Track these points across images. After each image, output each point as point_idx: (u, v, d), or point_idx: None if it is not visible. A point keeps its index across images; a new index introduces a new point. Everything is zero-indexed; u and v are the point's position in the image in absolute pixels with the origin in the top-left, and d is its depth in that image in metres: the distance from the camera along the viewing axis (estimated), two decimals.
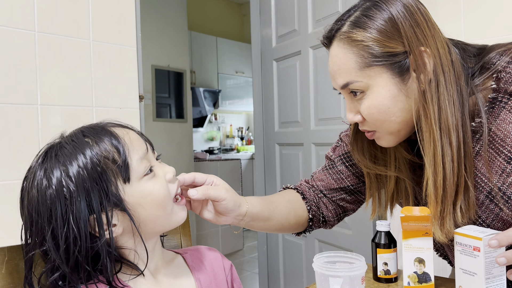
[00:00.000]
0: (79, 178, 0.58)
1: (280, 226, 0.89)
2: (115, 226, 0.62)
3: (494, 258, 0.68)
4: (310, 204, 0.95)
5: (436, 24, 0.74)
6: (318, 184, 0.97)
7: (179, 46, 3.86)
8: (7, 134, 1.32)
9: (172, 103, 3.87)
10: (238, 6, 5.35)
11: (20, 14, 1.36)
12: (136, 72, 1.68)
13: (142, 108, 1.71)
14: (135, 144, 0.64)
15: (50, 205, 0.58)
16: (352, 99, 0.77)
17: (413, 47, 0.70)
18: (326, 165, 0.99)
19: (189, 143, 3.92)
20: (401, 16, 0.71)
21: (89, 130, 0.63)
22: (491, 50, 0.77)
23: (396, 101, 0.73)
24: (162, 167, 0.67)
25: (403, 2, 0.72)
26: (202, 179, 0.74)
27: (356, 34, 0.72)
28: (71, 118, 1.48)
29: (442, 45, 0.73)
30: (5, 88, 1.32)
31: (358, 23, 0.72)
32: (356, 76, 0.73)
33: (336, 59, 0.75)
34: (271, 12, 2.29)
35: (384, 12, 0.72)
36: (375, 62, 0.71)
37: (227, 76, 4.97)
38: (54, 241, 0.58)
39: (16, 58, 1.35)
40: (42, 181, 0.59)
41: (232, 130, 5.32)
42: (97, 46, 1.56)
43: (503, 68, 0.73)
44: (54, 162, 0.60)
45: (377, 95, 0.73)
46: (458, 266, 0.71)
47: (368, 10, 0.73)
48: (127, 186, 0.61)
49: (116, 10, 1.61)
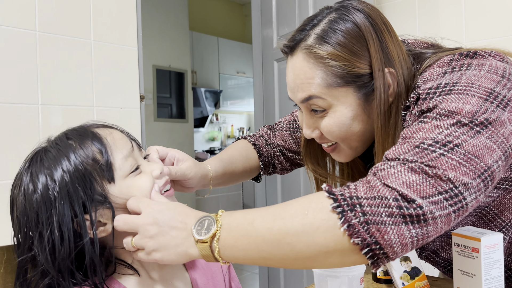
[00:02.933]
0: (62, 181, 0.59)
1: (236, 181, 0.94)
2: (105, 225, 0.62)
3: (493, 259, 0.68)
4: (264, 161, 0.98)
5: (397, 36, 0.72)
6: (279, 143, 0.99)
7: (180, 47, 3.86)
8: (7, 133, 1.32)
9: (173, 103, 3.88)
10: (240, 7, 5.35)
11: (21, 14, 1.36)
12: (137, 72, 1.68)
13: (143, 108, 1.72)
14: (119, 143, 0.65)
15: (36, 209, 0.59)
16: (311, 114, 0.74)
17: (380, 68, 0.68)
18: (290, 126, 0.99)
19: (190, 143, 3.93)
20: (369, 32, 0.68)
21: (72, 133, 0.64)
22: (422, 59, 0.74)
23: (358, 121, 0.71)
24: (149, 165, 0.68)
25: (373, 19, 0.69)
26: (163, 152, 0.77)
27: (324, 50, 0.68)
28: (72, 118, 1.49)
29: (405, 63, 0.71)
30: (6, 88, 1.32)
31: (325, 38, 0.68)
32: (320, 93, 0.69)
33: (300, 72, 0.71)
34: (272, 12, 2.29)
35: (352, 26, 0.68)
36: (343, 82, 0.69)
37: (228, 76, 4.97)
38: (41, 245, 0.59)
39: (17, 57, 1.35)
40: (28, 186, 0.60)
41: (233, 131, 5.32)
42: (98, 46, 1.56)
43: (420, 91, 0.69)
44: (39, 166, 0.61)
45: (340, 114, 0.71)
46: (456, 268, 0.71)
47: (335, 24, 0.69)
48: (112, 185, 0.62)
49: (117, 10, 1.61)
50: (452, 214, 0.53)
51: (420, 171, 0.53)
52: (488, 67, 0.64)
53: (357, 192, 0.52)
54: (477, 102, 0.59)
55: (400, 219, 0.50)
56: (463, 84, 0.61)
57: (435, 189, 0.52)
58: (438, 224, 0.52)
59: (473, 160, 0.54)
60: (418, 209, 0.50)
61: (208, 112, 4.69)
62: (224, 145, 5.18)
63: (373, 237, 0.50)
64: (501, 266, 0.69)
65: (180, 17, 3.83)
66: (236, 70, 5.02)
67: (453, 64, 0.67)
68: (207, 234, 0.55)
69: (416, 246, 0.52)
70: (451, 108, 0.58)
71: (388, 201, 0.50)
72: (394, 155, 0.56)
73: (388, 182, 0.52)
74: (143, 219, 0.58)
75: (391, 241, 0.50)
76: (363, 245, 0.50)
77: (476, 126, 0.57)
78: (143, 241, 0.58)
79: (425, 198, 0.51)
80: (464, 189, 0.53)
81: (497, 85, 0.61)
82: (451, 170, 0.53)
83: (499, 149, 0.57)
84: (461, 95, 0.60)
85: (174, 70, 3.83)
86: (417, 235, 0.51)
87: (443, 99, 0.60)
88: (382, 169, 0.54)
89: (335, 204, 0.52)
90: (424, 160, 0.54)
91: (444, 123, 0.57)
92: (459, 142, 0.55)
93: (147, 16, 3.42)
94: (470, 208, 0.55)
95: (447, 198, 0.52)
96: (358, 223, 0.50)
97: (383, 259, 0.51)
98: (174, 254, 0.57)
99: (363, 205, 0.51)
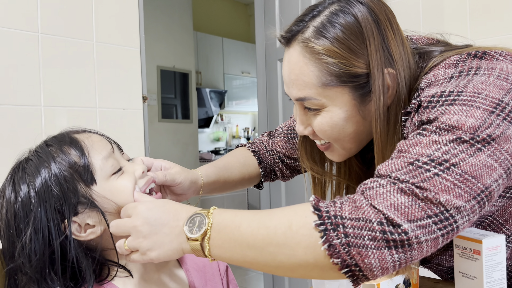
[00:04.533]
0: (42, 187, 0.60)
1: (233, 189, 0.93)
2: (93, 227, 0.63)
3: (495, 261, 0.67)
4: (265, 168, 0.96)
5: (402, 33, 0.68)
6: (278, 149, 0.97)
7: (185, 47, 3.86)
8: (11, 135, 1.32)
9: (178, 103, 3.88)
10: (244, 7, 5.34)
11: (24, 15, 1.36)
12: (139, 73, 1.68)
13: (145, 109, 1.72)
14: (98, 145, 0.65)
15: (18, 219, 0.60)
16: (305, 111, 0.72)
17: (379, 69, 0.64)
18: (289, 132, 0.97)
19: (194, 144, 3.93)
20: (370, 28, 0.64)
21: (52, 140, 0.66)
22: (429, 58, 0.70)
23: (352, 122, 0.68)
24: (132, 165, 0.69)
25: (376, 14, 0.66)
26: (148, 162, 0.76)
27: (320, 45, 0.64)
28: (75, 119, 1.49)
29: (408, 64, 0.67)
30: (9, 90, 1.33)
31: (323, 32, 0.64)
32: (315, 93, 0.66)
33: (295, 67, 0.67)
34: (275, 12, 2.28)
35: (352, 22, 0.64)
36: (339, 82, 0.65)
37: (233, 76, 4.97)
38: (23, 252, 0.59)
39: (20, 59, 1.35)
40: (10, 196, 0.62)
41: (238, 131, 5.32)
42: (100, 47, 1.57)
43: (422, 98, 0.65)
44: (21, 175, 0.62)
45: (333, 114, 0.67)
46: (458, 270, 0.70)
47: (335, 17, 0.65)
48: (94, 187, 0.63)
49: (120, 11, 1.61)
50: (440, 238, 0.51)
51: (410, 193, 0.51)
52: (498, 71, 0.60)
53: (342, 212, 0.51)
54: (482, 115, 0.55)
55: (383, 244, 0.49)
56: (469, 94, 0.57)
57: (424, 212, 0.50)
58: (423, 248, 0.50)
59: (469, 181, 0.52)
60: (402, 235, 0.49)
61: (213, 112, 4.69)
62: (229, 145, 5.19)
63: (353, 259, 0.49)
64: (503, 268, 0.67)
65: (184, 17, 3.83)
66: (241, 70, 5.02)
67: (460, 66, 0.63)
68: (198, 232, 0.55)
69: (399, 269, 0.51)
70: (453, 122, 0.55)
71: (372, 225, 0.49)
72: (386, 171, 0.54)
73: (375, 203, 0.51)
74: (133, 221, 0.58)
75: (371, 265, 0.49)
76: (342, 266, 0.49)
77: (477, 143, 0.53)
78: (137, 241, 0.58)
79: (412, 222, 0.49)
80: (456, 212, 0.51)
81: (507, 94, 0.57)
82: (444, 193, 0.51)
83: (501, 167, 0.54)
84: (465, 107, 0.56)
85: (179, 70, 3.84)
86: (400, 259, 0.50)
87: (445, 110, 0.57)
88: (371, 188, 0.53)
89: (318, 221, 0.51)
90: (415, 180, 0.51)
91: (443, 139, 0.54)
92: (456, 161, 0.52)
93: (151, 17, 3.43)
94: (461, 230, 0.53)
95: (436, 222, 0.50)
96: (340, 244, 0.49)
97: (363, 279, 0.51)
98: (170, 250, 0.57)
99: (346, 226, 0.50)
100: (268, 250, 0.52)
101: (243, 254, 0.54)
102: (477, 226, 0.74)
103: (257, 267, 0.55)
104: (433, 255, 0.80)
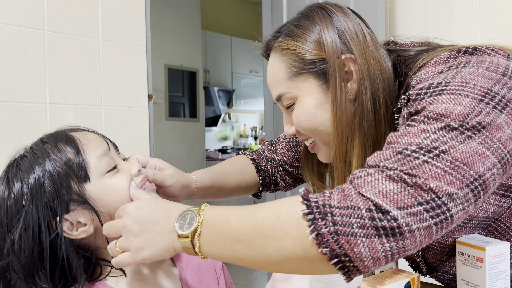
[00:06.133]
0: (35, 184, 0.60)
1: (229, 195, 0.92)
2: (85, 226, 0.62)
3: (498, 269, 0.65)
4: (264, 176, 0.96)
5: (370, 32, 0.73)
6: (279, 158, 0.97)
7: (193, 46, 3.86)
8: (15, 132, 1.33)
9: (185, 102, 3.89)
10: (253, 6, 5.33)
11: (30, 13, 1.37)
12: (145, 72, 1.68)
13: (151, 108, 1.72)
14: (93, 143, 0.65)
15: (10, 215, 0.60)
16: (287, 111, 0.76)
17: (335, 53, 0.69)
18: (291, 140, 0.97)
19: (201, 143, 3.93)
20: (327, 26, 0.71)
21: (48, 137, 0.66)
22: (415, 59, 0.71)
23: (323, 110, 0.71)
24: (127, 164, 0.68)
25: (332, 14, 0.72)
26: (143, 161, 0.76)
27: (286, 43, 0.72)
28: (80, 117, 1.49)
29: (373, 54, 0.70)
30: (14, 87, 1.33)
31: (290, 33, 0.73)
32: (286, 87, 0.72)
33: (269, 70, 0.76)
34: (283, 11, 2.27)
35: (313, 23, 0.72)
36: (302, 70, 0.71)
37: (241, 75, 4.96)
38: (12, 250, 0.59)
39: (26, 56, 1.36)
40: (4, 193, 0.61)
41: (246, 130, 5.31)
42: (106, 45, 1.57)
43: None
44: (15, 172, 0.62)
45: (303, 104, 0.71)
46: (460, 277, 0.68)
47: (299, 21, 0.74)
48: (88, 184, 0.62)
49: (126, 9, 1.61)
50: (433, 227, 0.49)
51: (399, 179, 0.49)
52: (488, 64, 0.59)
53: (331, 200, 0.50)
54: (470, 103, 0.54)
55: (373, 231, 0.47)
56: (457, 83, 0.56)
57: (414, 199, 0.48)
58: (416, 238, 0.48)
59: (461, 168, 0.50)
60: (392, 221, 0.47)
61: (220, 111, 4.69)
62: (236, 144, 5.18)
63: (342, 248, 0.47)
64: (507, 277, 0.66)
65: (192, 16, 3.83)
66: (249, 69, 5.01)
67: (451, 62, 0.63)
68: (188, 229, 0.54)
69: (392, 260, 0.49)
70: (440, 110, 0.54)
71: (361, 212, 0.48)
72: (374, 161, 0.53)
73: (363, 191, 0.49)
74: (124, 220, 0.57)
75: (361, 255, 0.47)
76: (331, 255, 0.48)
77: (467, 131, 0.52)
78: (127, 241, 0.57)
79: (402, 209, 0.47)
80: (449, 199, 0.49)
81: (496, 84, 0.56)
82: (434, 179, 0.49)
83: (494, 155, 0.52)
84: (453, 96, 0.55)
85: (186, 69, 3.84)
86: (392, 249, 0.48)
87: (433, 100, 0.56)
88: (359, 177, 0.51)
89: (306, 210, 0.49)
90: (404, 168, 0.50)
91: (432, 127, 0.53)
92: (446, 148, 0.51)
93: (159, 15, 3.43)
94: (457, 220, 0.51)
95: (427, 209, 0.48)
96: (328, 232, 0.48)
97: (354, 272, 0.49)
98: (162, 249, 0.56)
99: (334, 214, 0.48)
100: (257, 243, 0.51)
101: (232, 250, 0.53)
102: (484, 229, 0.72)
103: (246, 263, 0.53)
104: (440, 262, 0.78)
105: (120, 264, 0.58)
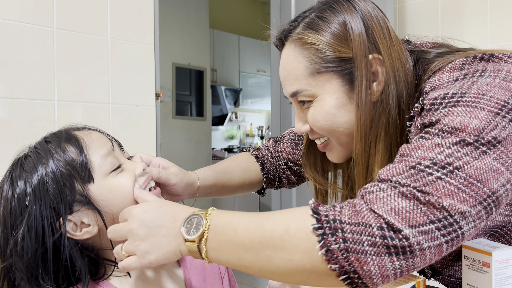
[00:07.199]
0: (38, 184, 0.60)
1: (232, 193, 0.92)
2: (89, 226, 0.62)
3: (504, 274, 0.64)
4: (268, 174, 0.95)
5: (394, 33, 0.69)
6: (284, 155, 0.96)
7: (200, 45, 3.87)
8: (23, 129, 1.34)
9: (192, 101, 3.90)
10: (262, 5, 5.33)
11: (40, 11, 1.38)
12: (153, 70, 1.69)
13: (158, 106, 1.72)
14: (97, 143, 0.65)
15: (14, 215, 0.60)
16: (301, 108, 0.72)
17: (363, 52, 0.65)
18: (296, 137, 0.95)
19: (207, 141, 3.94)
20: (354, 21, 0.66)
21: (51, 136, 0.65)
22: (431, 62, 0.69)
23: (344, 111, 0.67)
24: (132, 164, 0.68)
25: (360, 9, 0.67)
26: (147, 159, 0.75)
27: (309, 36, 0.67)
28: (88, 115, 1.50)
29: (399, 55, 0.67)
30: (23, 84, 1.34)
31: (312, 25, 0.68)
32: (305, 84, 0.68)
33: (286, 63, 0.71)
34: (291, 10, 2.27)
35: (339, 16, 0.67)
36: (325, 68, 0.66)
37: (248, 74, 4.96)
38: (16, 249, 0.59)
39: (34, 54, 1.37)
40: (7, 193, 0.61)
41: (252, 129, 5.31)
42: (115, 44, 1.57)
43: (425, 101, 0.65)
44: (19, 172, 0.62)
45: (324, 103, 0.68)
46: (466, 282, 0.67)
47: (323, 12, 0.68)
48: (92, 184, 0.62)
49: (135, 8, 1.62)
50: (444, 245, 0.48)
51: (412, 197, 0.48)
52: (505, 73, 0.58)
53: (341, 216, 0.49)
54: (486, 117, 0.52)
55: (383, 250, 0.47)
56: (473, 95, 0.55)
57: (427, 217, 0.48)
58: (426, 256, 0.48)
59: (474, 185, 0.49)
60: (403, 240, 0.46)
61: (227, 110, 4.69)
62: (243, 143, 5.19)
63: (351, 265, 0.47)
64: None
65: (200, 15, 3.84)
66: (257, 68, 5.01)
67: (466, 69, 0.61)
68: (195, 234, 0.54)
69: (400, 277, 0.49)
70: (456, 124, 0.53)
71: (372, 230, 0.47)
72: (387, 175, 0.52)
73: (375, 207, 0.48)
74: (129, 224, 0.57)
75: (370, 272, 0.47)
76: (340, 272, 0.47)
77: (482, 146, 0.51)
78: (134, 245, 0.56)
79: (413, 227, 0.47)
80: (461, 218, 0.48)
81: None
82: (447, 197, 0.48)
83: (508, 171, 0.51)
84: (469, 108, 0.53)
85: (194, 68, 3.85)
86: (401, 266, 0.47)
87: (448, 112, 0.55)
88: (371, 192, 0.50)
89: (317, 225, 0.49)
90: (417, 184, 0.49)
91: (446, 142, 0.52)
92: (460, 164, 0.50)
93: (168, 14, 3.44)
94: (468, 237, 0.50)
95: (439, 227, 0.48)
96: (338, 249, 0.47)
97: (362, 287, 0.49)
98: (168, 253, 0.55)
99: (345, 231, 0.48)
100: (265, 254, 0.51)
101: (239, 257, 0.52)
102: (490, 236, 0.71)
103: (253, 272, 0.53)
104: (444, 266, 0.78)
105: (126, 268, 0.57)
